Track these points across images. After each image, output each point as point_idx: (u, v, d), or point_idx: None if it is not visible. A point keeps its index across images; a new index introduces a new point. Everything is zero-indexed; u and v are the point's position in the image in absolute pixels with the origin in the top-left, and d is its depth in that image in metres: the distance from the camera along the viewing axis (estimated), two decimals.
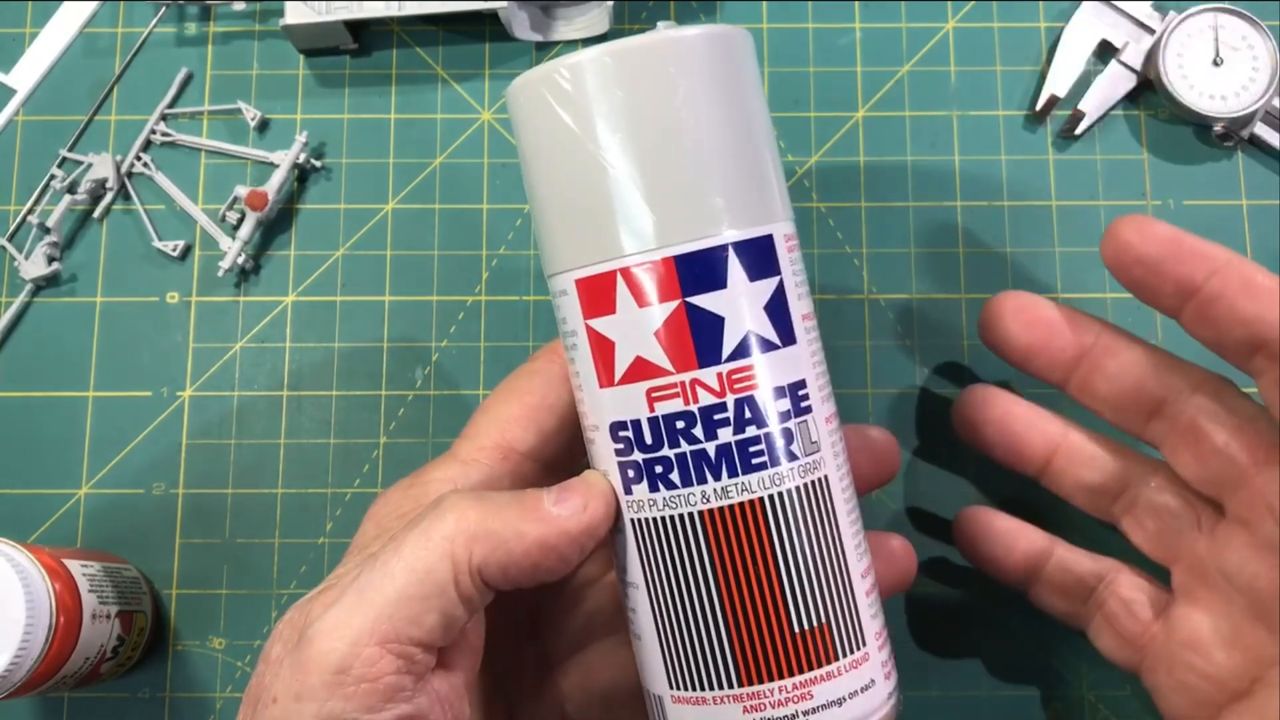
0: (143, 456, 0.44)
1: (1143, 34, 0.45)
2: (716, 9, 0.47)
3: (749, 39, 0.30)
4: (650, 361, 0.28)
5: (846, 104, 0.46)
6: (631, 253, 0.28)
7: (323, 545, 0.43)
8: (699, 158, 0.28)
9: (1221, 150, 0.46)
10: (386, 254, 0.45)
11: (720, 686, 0.28)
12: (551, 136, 0.29)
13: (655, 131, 0.28)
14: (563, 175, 0.29)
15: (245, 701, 0.28)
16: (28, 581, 0.36)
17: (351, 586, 0.28)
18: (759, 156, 0.29)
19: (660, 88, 0.28)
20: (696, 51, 0.28)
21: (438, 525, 0.28)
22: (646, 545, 0.29)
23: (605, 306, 0.28)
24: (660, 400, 0.28)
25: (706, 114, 0.28)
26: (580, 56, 0.28)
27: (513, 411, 0.32)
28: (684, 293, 0.28)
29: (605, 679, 0.34)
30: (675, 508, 0.28)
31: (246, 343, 0.45)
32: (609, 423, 0.29)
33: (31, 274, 0.44)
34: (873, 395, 0.44)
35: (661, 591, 0.29)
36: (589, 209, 0.28)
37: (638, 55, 0.28)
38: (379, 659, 0.26)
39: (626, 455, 0.29)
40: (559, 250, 0.29)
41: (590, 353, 0.29)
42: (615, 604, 0.35)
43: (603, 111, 0.28)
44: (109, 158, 0.45)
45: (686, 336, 0.28)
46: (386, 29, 0.47)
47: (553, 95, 0.28)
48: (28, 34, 0.47)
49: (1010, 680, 0.42)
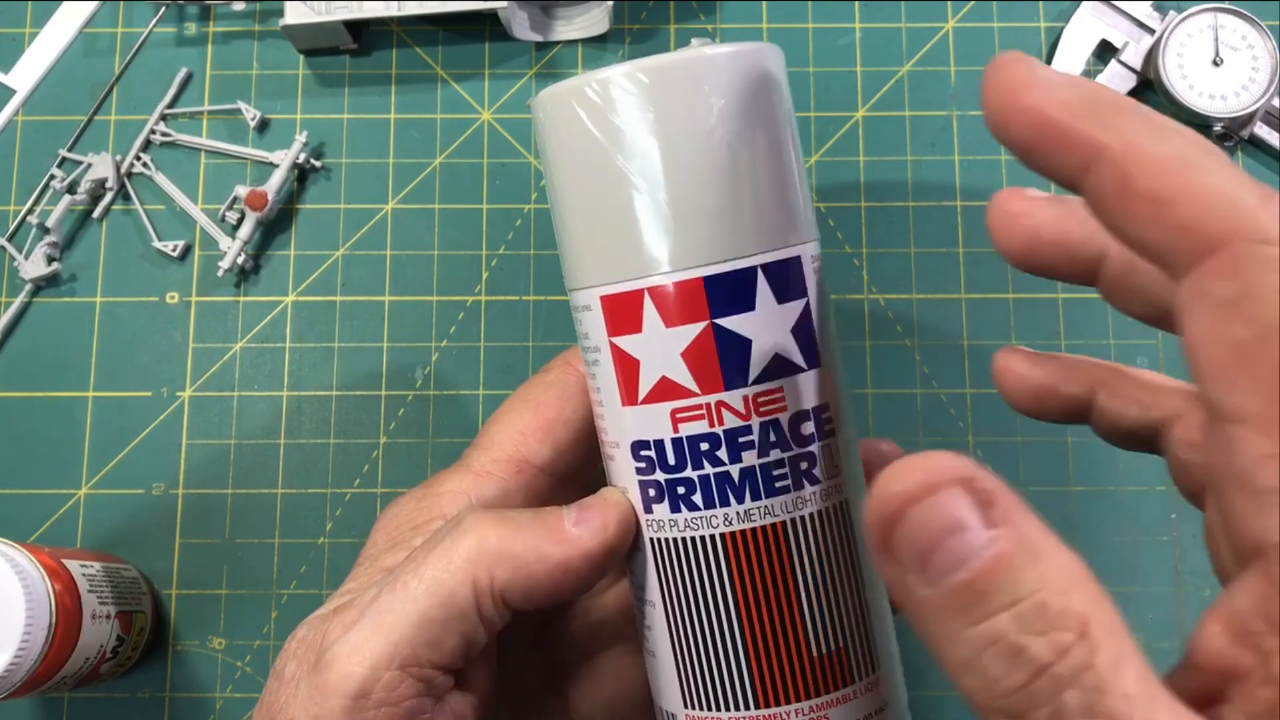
0: (143, 456, 0.44)
1: (1143, 34, 0.45)
2: (716, 9, 0.47)
3: (781, 56, 0.30)
4: (676, 382, 0.28)
5: (846, 104, 0.46)
6: (660, 272, 0.28)
7: (323, 545, 0.43)
8: (732, 178, 0.28)
9: (1222, 150, 0.45)
10: (386, 254, 0.45)
11: (736, 708, 0.28)
12: (581, 150, 0.28)
13: (688, 150, 0.28)
14: (591, 190, 0.28)
15: (258, 719, 0.28)
16: (28, 581, 0.36)
17: (371, 608, 0.27)
18: (789, 177, 0.29)
19: (695, 106, 0.28)
20: (732, 70, 0.28)
21: (459, 547, 0.27)
22: (666, 565, 0.29)
23: (631, 325, 0.28)
24: (685, 421, 0.28)
25: (740, 134, 0.28)
26: (613, 71, 0.28)
27: (528, 424, 0.32)
28: (712, 314, 0.28)
29: (612, 688, 0.34)
30: (697, 529, 0.28)
31: (246, 343, 0.45)
32: (630, 441, 0.29)
33: (31, 274, 0.44)
34: (873, 395, 0.44)
35: (680, 611, 0.29)
36: (617, 226, 0.28)
37: (673, 72, 0.28)
38: (399, 683, 0.26)
39: (648, 475, 0.29)
40: (584, 265, 0.29)
41: (613, 370, 0.29)
42: (622, 612, 0.35)
43: (635, 128, 0.27)
44: (109, 158, 0.45)
45: (713, 358, 0.28)
46: (386, 29, 0.47)
47: (584, 109, 0.28)
48: (28, 34, 0.47)
49: None
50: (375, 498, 0.43)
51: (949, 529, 0.19)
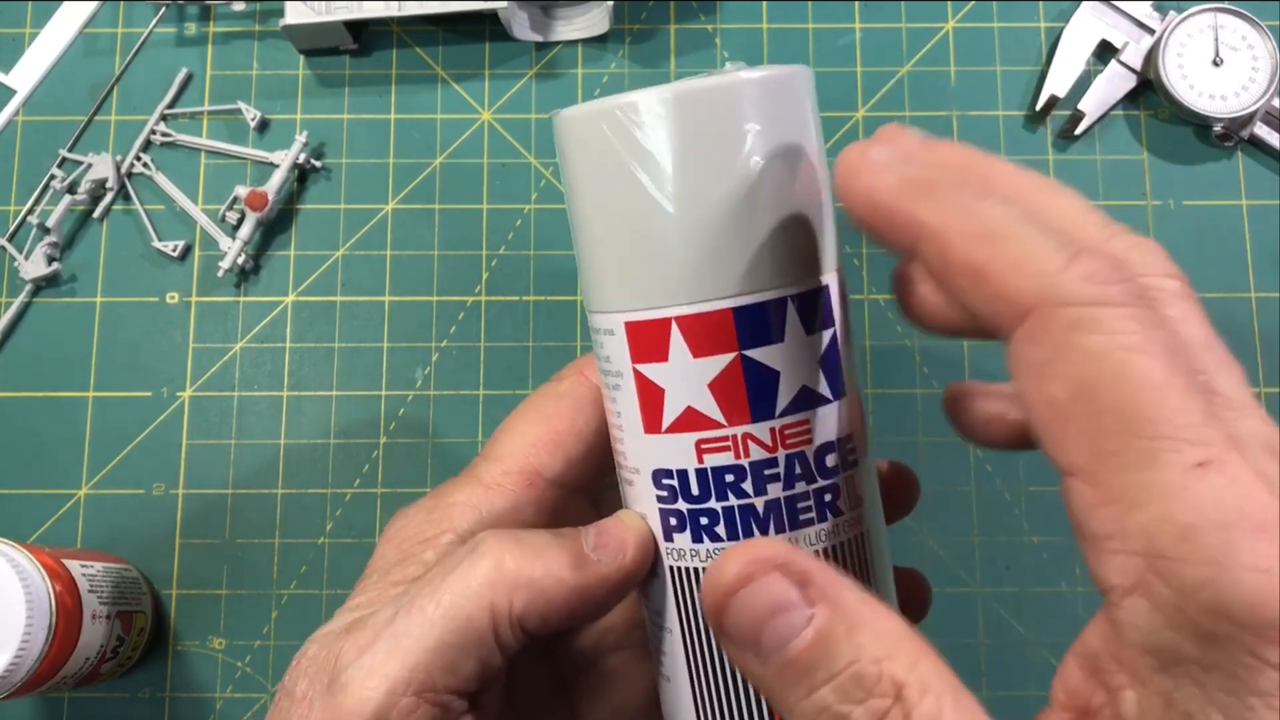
0: (143, 456, 0.44)
1: (1143, 34, 0.45)
2: (716, 9, 0.47)
3: (811, 78, 0.29)
4: (701, 413, 0.27)
5: (846, 104, 0.46)
6: (689, 301, 0.27)
7: (323, 545, 0.43)
8: (764, 208, 0.27)
9: (1221, 150, 0.45)
10: (386, 254, 0.45)
11: None
12: (609, 174, 0.28)
13: (721, 178, 0.27)
14: (617, 214, 0.28)
15: None
16: (28, 581, 0.36)
17: (386, 631, 0.27)
18: (820, 206, 0.29)
19: (729, 134, 0.27)
20: (765, 96, 0.27)
21: (476, 570, 0.27)
22: (686, 594, 0.29)
23: (657, 353, 0.28)
24: (710, 453, 0.28)
25: (773, 161, 0.27)
26: (644, 95, 0.27)
27: (539, 435, 0.31)
28: (741, 346, 0.27)
29: (619, 695, 0.34)
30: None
31: (246, 343, 0.45)
32: (652, 469, 0.28)
33: (31, 274, 0.44)
34: (873, 395, 0.44)
35: (699, 640, 0.29)
36: (645, 252, 0.28)
37: (706, 97, 0.27)
38: (415, 709, 0.26)
39: (670, 504, 0.28)
40: (608, 290, 0.29)
41: (636, 397, 0.28)
42: (629, 620, 0.34)
43: (666, 154, 0.27)
44: (109, 158, 0.45)
45: (741, 390, 0.27)
46: (386, 29, 0.47)
47: (613, 132, 0.27)
48: (28, 34, 0.47)
49: (1011, 680, 0.42)
50: (375, 498, 0.43)
51: (771, 610, 0.21)
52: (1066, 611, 0.42)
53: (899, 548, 0.42)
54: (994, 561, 0.43)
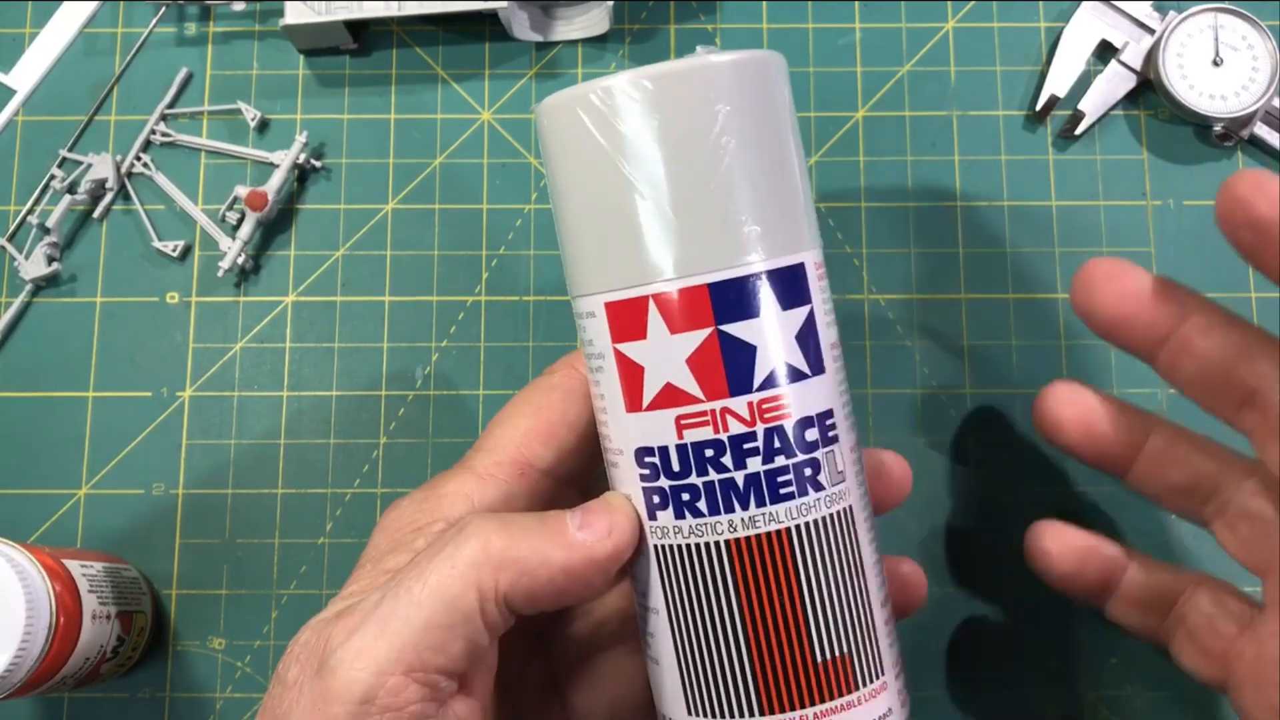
0: (143, 456, 0.44)
1: (1143, 34, 0.45)
2: (716, 9, 0.47)
3: (784, 64, 0.30)
4: (680, 389, 0.28)
5: (846, 104, 0.46)
6: (665, 279, 0.28)
7: (323, 545, 0.43)
8: (737, 185, 0.28)
9: (1221, 150, 0.46)
10: (386, 254, 0.45)
11: (740, 715, 0.28)
12: (585, 158, 0.28)
13: (694, 158, 0.28)
14: (595, 197, 0.29)
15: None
16: (28, 581, 0.36)
17: (374, 613, 0.27)
18: (793, 184, 0.29)
19: (700, 114, 0.28)
20: (736, 78, 0.28)
21: (463, 551, 0.27)
22: (670, 572, 0.29)
23: (635, 331, 0.28)
24: (690, 428, 0.28)
25: (745, 141, 0.28)
26: (618, 79, 0.28)
27: (531, 426, 0.32)
28: (717, 321, 0.28)
29: (613, 690, 0.34)
30: (701, 536, 0.28)
31: (246, 343, 0.45)
32: (635, 448, 0.29)
33: (31, 274, 0.44)
34: (873, 395, 0.44)
35: (684, 618, 0.29)
36: (622, 232, 0.28)
37: (678, 80, 0.28)
38: (404, 688, 0.26)
39: (652, 481, 0.29)
40: (588, 272, 0.29)
41: (617, 377, 0.29)
42: (622, 614, 0.35)
43: (640, 135, 0.28)
44: (109, 158, 0.45)
45: (718, 365, 0.28)
46: (386, 29, 0.47)
47: (589, 116, 0.28)
48: (28, 34, 0.47)
49: (1010, 680, 0.42)
50: (375, 498, 0.43)
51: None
52: (1066, 611, 0.42)
53: (899, 548, 0.42)
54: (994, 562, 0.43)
